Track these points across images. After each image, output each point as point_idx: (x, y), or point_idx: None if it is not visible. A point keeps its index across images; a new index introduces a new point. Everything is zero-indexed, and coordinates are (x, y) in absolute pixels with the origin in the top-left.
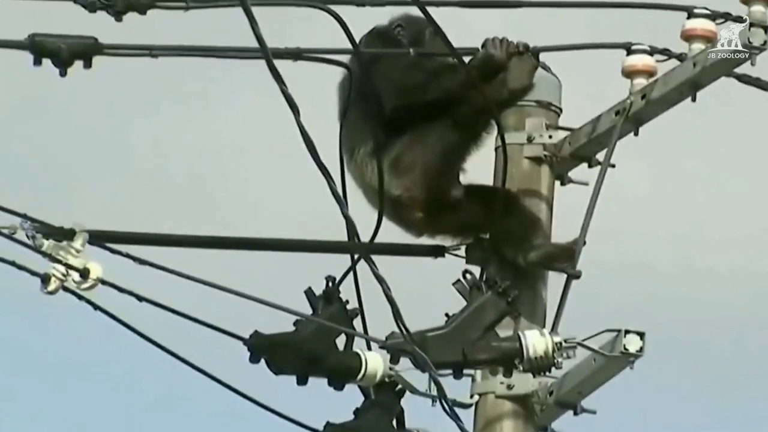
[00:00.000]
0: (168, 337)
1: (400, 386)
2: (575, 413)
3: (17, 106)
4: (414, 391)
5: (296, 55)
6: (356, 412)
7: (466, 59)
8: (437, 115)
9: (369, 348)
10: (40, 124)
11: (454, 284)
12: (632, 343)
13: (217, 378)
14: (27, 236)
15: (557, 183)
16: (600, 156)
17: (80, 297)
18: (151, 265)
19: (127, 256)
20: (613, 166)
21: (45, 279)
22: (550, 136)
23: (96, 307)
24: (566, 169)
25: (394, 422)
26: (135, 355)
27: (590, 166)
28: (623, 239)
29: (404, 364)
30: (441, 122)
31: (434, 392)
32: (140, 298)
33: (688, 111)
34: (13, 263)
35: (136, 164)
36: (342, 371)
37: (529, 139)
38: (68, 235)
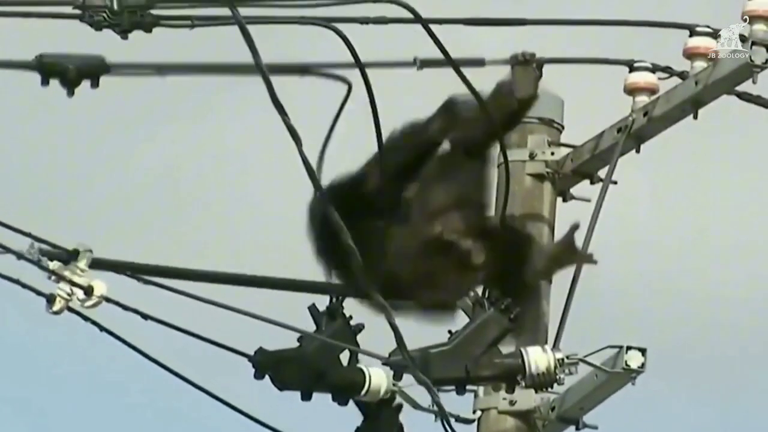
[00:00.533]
0: (173, 356)
1: (398, 401)
2: (577, 429)
3: (22, 120)
4: (417, 406)
5: (304, 70)
6: (357, 431)
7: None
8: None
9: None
10: (46, 136)
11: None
12: (634, 359)
13: (218, 396)
14: (32, 257)
15: (559, 200)
16: (602, 173)
17: (86, 318)
18: (155, 284)
19: (132, 276)
20: (615, 182)
21: (50, 299)
22: (553, 153)
23: (101, 328)
24: (568, 185)
25: None
26: (139, 369)
27: (592, 183)
28: (626, 255)
29: (408, 378)
30: (455, 160)
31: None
32: (145, 316)
33: (689, 128)
34: (18, 282)
35: (141, 180)
36: (346, 387)
37: (531, 156)
38: (72, 255)
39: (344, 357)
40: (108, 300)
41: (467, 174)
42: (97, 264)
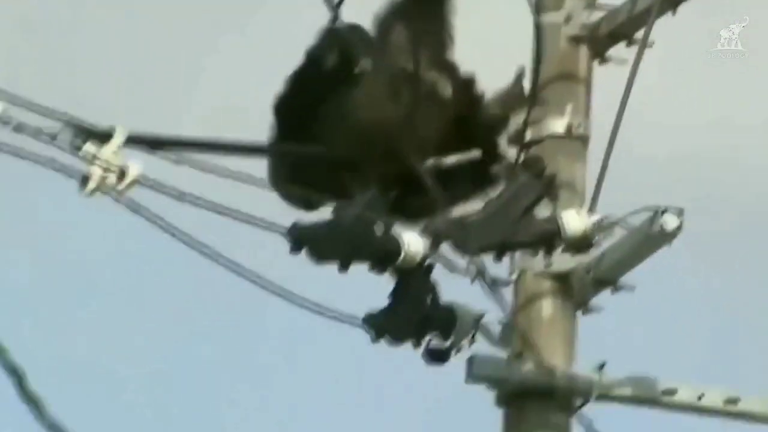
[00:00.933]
0: (208, 238)
1: (428, 263)
2: (614, 290)
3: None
4: (454, 270)
5: None
6: (391, 296)
7: None
8: None
9: None
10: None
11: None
12: (670, 221)
13: (254, 274)
14: (66, 138)
15: (596, 62)
16: (639, 35)
17: (119, 199)
18: (190, 164)
19: (166, 156)
20: (651, 45)
21: (84, 180)
22: (589, 16)
23: (134, 209)
24: (605, 48)
25: (430, 299)
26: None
27: (629, 45)
28: (659, 126)
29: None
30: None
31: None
32: (180, 197)
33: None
34: (51, 163)
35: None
36: (383, 255)
37: (568, 19)
38: (106, 135)
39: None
40: (142, 183)
41: (428, 16)
42: (132, 140)
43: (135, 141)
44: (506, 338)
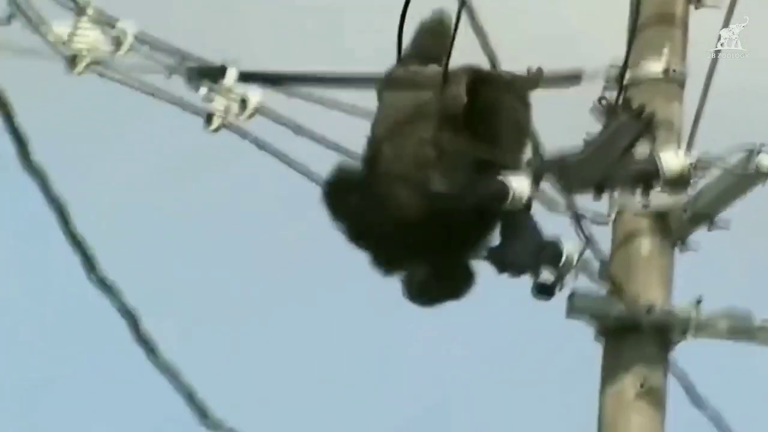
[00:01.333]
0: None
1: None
2: (710, 228)
3: None
4: (554, 209)
5: None
6: (502, 233)
7: None
8: None
9: None
10: None
11: (590, 109)
12: (766, 160)
13: None
14: (184, 76)
15: (692, 7)
16: None
17: (243, 135)
18: (303, 98)
19: (280, 89)
20: None
21: (208, 118)
22: None
23: (255, 142)
24: None
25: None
26: None
27: None
28: (756, 64)
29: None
30: None
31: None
32: (297, 130)
33: None
34: (174, 103)
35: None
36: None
37: None
38: (219, 72)
39: None
40: (262, 111)
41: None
42: (245, 77)
43: (248, 77)
44: (605, 275)
